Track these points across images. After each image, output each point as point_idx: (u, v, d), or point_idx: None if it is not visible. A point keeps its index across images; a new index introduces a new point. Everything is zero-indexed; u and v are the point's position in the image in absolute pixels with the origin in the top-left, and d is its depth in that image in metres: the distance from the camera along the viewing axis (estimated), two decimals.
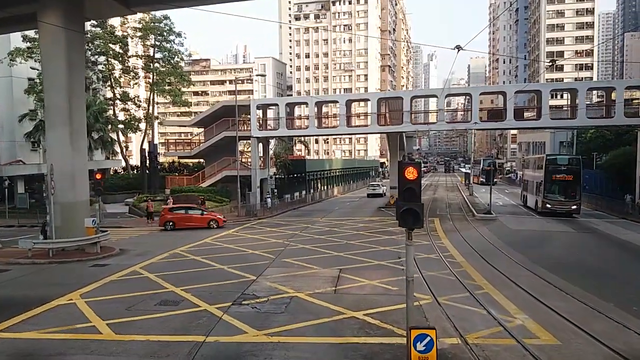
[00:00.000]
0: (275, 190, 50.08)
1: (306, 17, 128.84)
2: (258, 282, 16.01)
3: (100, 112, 37.29)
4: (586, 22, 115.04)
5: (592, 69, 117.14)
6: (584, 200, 39.92)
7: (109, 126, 38.48)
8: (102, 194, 26.32)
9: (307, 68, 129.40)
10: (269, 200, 43.55)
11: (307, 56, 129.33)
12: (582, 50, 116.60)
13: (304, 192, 55.56)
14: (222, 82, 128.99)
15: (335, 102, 43.91)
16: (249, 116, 43.68)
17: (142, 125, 54.31)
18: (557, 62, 56.85)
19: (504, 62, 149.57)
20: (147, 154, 44.82)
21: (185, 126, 51.27)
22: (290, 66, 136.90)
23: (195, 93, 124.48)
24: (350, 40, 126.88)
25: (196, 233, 29.97)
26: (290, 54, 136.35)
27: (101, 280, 16.78)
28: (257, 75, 38.50)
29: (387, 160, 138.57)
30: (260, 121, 45.56)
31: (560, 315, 12.03)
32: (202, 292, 14.74)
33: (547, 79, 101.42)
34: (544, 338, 10.59)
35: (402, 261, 18.54)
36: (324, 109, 48.72)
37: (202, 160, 49.90)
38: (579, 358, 9.70)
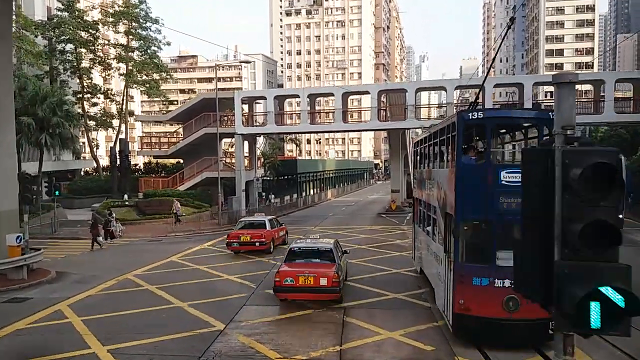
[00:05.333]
0: (264, 194, 45.18)
1: (297, 12, 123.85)
2: (226, 335, 10.96)
3: (60, 104, 31.99)
4: (587, 20, 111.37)
5: (592, 67, 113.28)
6: None
7: (72, 121, 33.10)
8: (30, 202, 21.10)
9: (299, 66, 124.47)
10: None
11: (299, 53, 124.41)
12: (583, 49, 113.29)
13: (295, 196, 50.64)
14: (210, 80, 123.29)
15: (331, 95, 39.07)
16: (233, 111, 38.67)
17: (118, 122, 49.06)
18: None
19: (501, 61, 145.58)
20: (117, 153, 39.63)
21: (161, 122, 46.22)
22: (282, 64, 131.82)
23: (182, 91, 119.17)
24: (343, 37, 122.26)
25: (164, 247, 24.93)
26: (282, 53, 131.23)
27: (3, 329, 11.69)
28: (241, 62, 33.23)
29: (382, 162, 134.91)
30: (246, 117, 40.58)
31: None
32: (139, 356, 9.75)
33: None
34: None
35: (426, 293, 13.71)
36: (318, 107, 43.86)
37: (181, 160, 44.78)
38: None
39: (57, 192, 29.62)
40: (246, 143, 42.76)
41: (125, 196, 37.85)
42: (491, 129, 10.51)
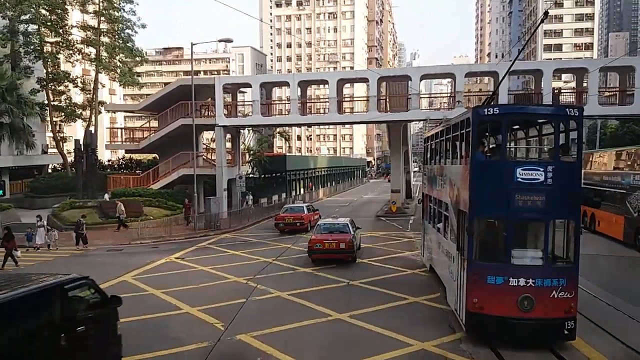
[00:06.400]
0: (248, 194, 40.69)
1: (288, 3, 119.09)
2: None
3: (11, 89, 27.40)
4: (586, 14, 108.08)
5: None
6: None
7: (24, 109, 28.48)
8: None
9: (289, 59, 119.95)
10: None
11: (289, 46, 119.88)
12: (582, 44, 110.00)
13: (283, 195, 46.20)
14: (196, 73, 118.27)
15: (324, 82, 34.70)
16: (214, 100, 34.18)
17: (89, 114, 44.20)
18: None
19: (496, 57, 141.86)
20: (81, 147, 34.88)
21: (133, 112, 41.57)
22: (271, 58, 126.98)
23: (167, 84, 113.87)
24: (335, 30, 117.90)
25: (122, 259, 20.50)
26: (272, 47, 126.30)
27: None
28: (220, 40, 28.94)
29: (374, 159, 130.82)
30: (229, 107, 36.14)
31: None
32: None
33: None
34: None
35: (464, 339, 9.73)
36: (312, 103, 39.41)
37: (157, 155, 40.20)
38: None
39: (0, 192, 25.02)
40: (228, 136, 38.43)
41: (107, 196, 33.17)
42: (507, 125, 10.26)
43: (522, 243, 10.08)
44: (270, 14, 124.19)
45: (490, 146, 11.79)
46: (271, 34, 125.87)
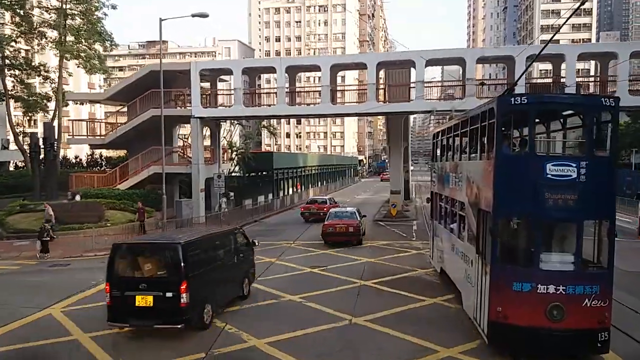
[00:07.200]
0: (231, 195, 36.54)
1: None
2: None
3: None
4: (584, 9, 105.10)
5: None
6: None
7: None
8: None
9: (278, 53, 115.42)
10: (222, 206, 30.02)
11: (278, 40, 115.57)
12: (580, 39, 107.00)
13: (270, 196, 42.08)
14: None
15: (316, 68, 30.56)
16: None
17: (54, 105, 39.52)
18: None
19: None
20: (38, 141, 30.44)
21: (98, 102, 37.06)
22: (260, 53, 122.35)
23: None
24: (325, 23, 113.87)
25: (64, 278, 16.32)
26: (260, 42, 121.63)
27: None
28: (194, 15, 24.44)
29: (365, 158, 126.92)
30: (207, 95, 31.95)
31: None
32: None
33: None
34: None
35: None
36: (302, 92, 35.19)
37: (127, 151, 35.83)
38: None
39: None
40: (207, 130, 34.31)
41: (77, 197, 28.67)
42: (535, 115, 9.64)
43: (552, 246, 9.20)
44: (259, 7, 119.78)
45: (513, 140, 10.65)
46: (260, 30, 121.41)
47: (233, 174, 39.68)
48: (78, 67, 37.46)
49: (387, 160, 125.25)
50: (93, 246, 21.43)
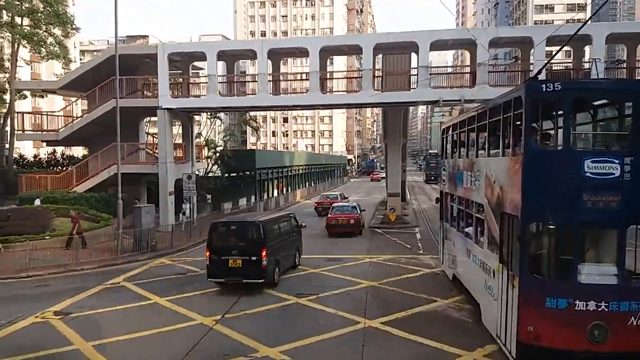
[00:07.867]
0: (209, 197, 32.57)
1: None
2: None
3: None
4: (578, 4, 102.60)
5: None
6: None
7: None
8: None
9: None
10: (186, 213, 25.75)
11: (263, 35, 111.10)
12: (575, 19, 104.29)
13: (253, 199, 38.05)
14: None
15: (303, 52, 26.52)
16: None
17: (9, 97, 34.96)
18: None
19: None
20: None
21: (50, 91, 32.71)
22: None
23: None
24: (313, 18, 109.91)
25: None
26: (246, 38, 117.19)
27: None
28: None
29: (354, 157, 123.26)
30: (177, 83, 27.81)
31: None
32: None
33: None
34: None
35: None
36: (287, 81, 31.01)
37: (88, 148, 31.52)
38: None
39: None
40: (179, 125, 30.24)
41: (37, 201, 24.29)
42: (570, 104, 8.13)
43: (591, 255, 7.96)
44: (245, 1, 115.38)
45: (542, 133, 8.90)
46: (245, 28, 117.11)
47: (210, 174, 35.57)
48: (30, 52, 32.98)
49: (376, 160, 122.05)
50: (28, 264, 17.25)
